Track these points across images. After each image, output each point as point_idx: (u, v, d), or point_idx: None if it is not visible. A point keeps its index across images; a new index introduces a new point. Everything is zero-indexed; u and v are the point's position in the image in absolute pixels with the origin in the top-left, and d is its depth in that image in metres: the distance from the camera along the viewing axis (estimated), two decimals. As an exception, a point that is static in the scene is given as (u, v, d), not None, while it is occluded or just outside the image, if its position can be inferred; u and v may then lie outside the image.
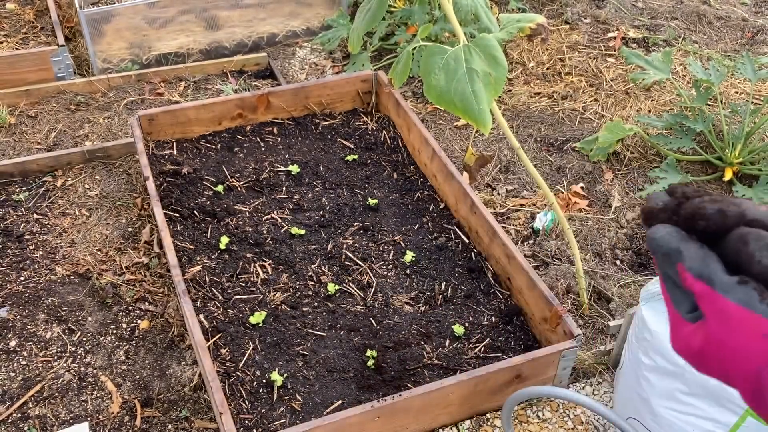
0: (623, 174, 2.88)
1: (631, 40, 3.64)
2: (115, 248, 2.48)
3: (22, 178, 2.72)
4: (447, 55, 1.71)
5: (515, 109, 3.23)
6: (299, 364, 2.09)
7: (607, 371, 2.20)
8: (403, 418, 1.92)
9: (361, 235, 2.50)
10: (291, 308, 2.24)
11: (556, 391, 1.72)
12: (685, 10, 3.87)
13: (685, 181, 2.67)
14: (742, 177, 2.80)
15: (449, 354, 2.13)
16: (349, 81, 2.99)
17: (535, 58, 3.50)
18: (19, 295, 2.30)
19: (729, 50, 3.61)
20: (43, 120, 3.05)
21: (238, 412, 1.95)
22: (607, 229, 2.63)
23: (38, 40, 3.49)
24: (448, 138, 3.07)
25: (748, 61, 2.91)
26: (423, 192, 2.69)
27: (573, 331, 2.02)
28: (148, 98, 3.20)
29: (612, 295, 2.37)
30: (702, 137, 2.95)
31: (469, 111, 1.67)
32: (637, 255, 2.55)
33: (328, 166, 2.77)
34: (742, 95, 3.23)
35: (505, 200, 2.76)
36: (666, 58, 2.94)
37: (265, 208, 2.57)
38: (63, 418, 2.00)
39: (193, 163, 2.71)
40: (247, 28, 3.60)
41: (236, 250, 2.40)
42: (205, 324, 2.15)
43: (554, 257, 2.49)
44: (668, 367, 1.74)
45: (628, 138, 2.97)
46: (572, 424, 2.06)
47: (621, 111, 3.19)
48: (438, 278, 2.37)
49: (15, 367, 2.12)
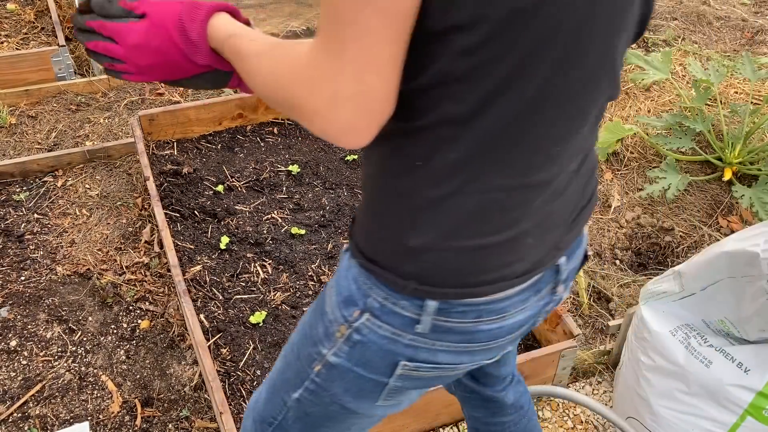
0: (623, 174, 2.88)
1: (631, 40, 3.65)
2: (116, 248, 2.49)
3: (22, 178, 2.73)
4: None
5: (515, 109, 3.24)
6: (299, 363, 2.09)
7: (606, 371, 2.20)
8: (403, 418, 1.92)
9: (361, 235, 2.50)
10: (291, 308, 2.24)
11: (556, 390, 1.72)
12: (685, 11, 3.88)
13: (685, 182, 2.67)
14: (741, 177, 2.80)
15: (449, 354, 2.13)
16: (349, 81, 2.99)
17: (535, 59, 3.50)
18: (20, 295, 2.30)
19: (728, 50, 3.61)
20: (43, 120, 3.06)
21: (238, 411, 1.96)
22: (607, 229, 2.63)
23: (39, 41, 3.49)
24: (448, 138, 3.08)
25: (748, 61, 2.91)
26: (423, 192, 2.69)
27: (572, 331, 2.02)
28: (149, 98, 3.21)
29: (612, 295, 2.37)
30: (701, 137, 2.96)
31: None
32: (637, 255, 2.56)
33: (328, 166, 2.77)
34: (741, 95, 3.24)
35: (504, 200, 2.76)
36: (665, 58, 2.94)
37: (265, 208, 2.57)
38: (63, 418, 2.00)
39: (193, 163, 2.72)
40: (247, 28, 3.60)
41: (236, 250, 2.40)
42: (206, 324, 2.15)
43: (554, 257, 2.49)
44: (668, 366, 1.75)
45: (628, 138, 2.97)
46: (572, 423, 2.06)
47: (620, 111, 3.19)
48: (438, 278, 2.37)
49: (15, 367, 2.12)
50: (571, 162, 0.95)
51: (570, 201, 1.00)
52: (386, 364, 1.01)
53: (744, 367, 1.63)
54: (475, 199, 0.88)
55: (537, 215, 0.93)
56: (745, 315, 1.61)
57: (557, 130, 0.87)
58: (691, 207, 2.72)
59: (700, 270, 1.69)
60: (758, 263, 1.50)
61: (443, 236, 0.91)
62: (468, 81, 0.79)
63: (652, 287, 1.84)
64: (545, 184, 0.91)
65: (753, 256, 1.51)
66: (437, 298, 0.94)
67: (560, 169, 0.93)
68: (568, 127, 0.89)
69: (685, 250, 2.54)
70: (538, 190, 0.91)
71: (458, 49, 0.77)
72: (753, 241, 1.54)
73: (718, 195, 2.76)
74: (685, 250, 2.54)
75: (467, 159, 0.85)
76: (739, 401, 1.63)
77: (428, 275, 0.93)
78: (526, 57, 0.78)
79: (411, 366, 1.01)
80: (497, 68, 0.78)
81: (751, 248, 1.52)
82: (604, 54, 0.86)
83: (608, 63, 0.88)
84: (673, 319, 1.78)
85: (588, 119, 0.91)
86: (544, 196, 0.92)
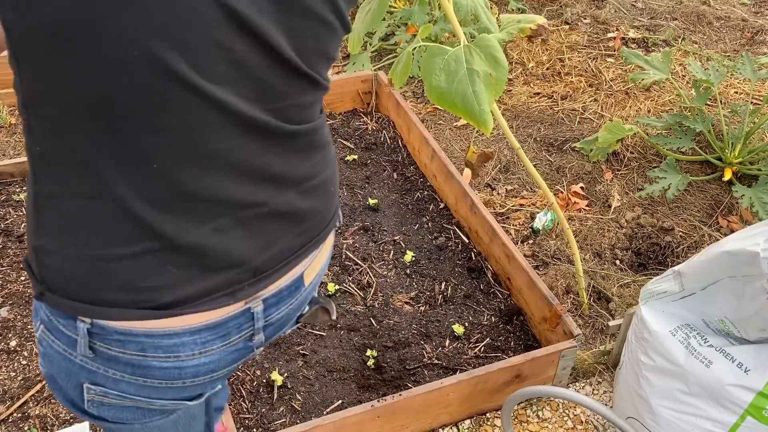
0: (623, 174, 2.88)
1: (631, 40, 3.65)
2: (116, 248, 2.49)
3: (22, 179, 2.73)
4: (448, 55, 1.71)
5: (515, 109, 3.23)
6: (299, 363, 2.09)
7: (606, 371, 2.20)
8: (403, 418, 1.92)
9: (361, 235, 2.50)
10: (291, 308, 2.24)
11: (556, 390, 1.72)
12: (685, 11, 3.88)
13: (685, 182, 2.67)
14: (741, 177, 2.80)
15: (449, 354, 2.13)
16: (349, 81, 2.99)
17: (535, 59, 3.50)
18: (20, 295, 2.30)
19: (728, 50, 3.61)
20: (43, 120, 3.06)
21: (238, 411, 1.96)
22: (607, 229, 2.63)
23: (38, 40, 3.49)
24: (448, 138, 3.07)
25: (748, 62, 2.91)
26: (423, 192, 2.69)
27: (573, 331, 2.02)
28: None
29: (611, 295, 2.37)
30: (701, 137, 2.96)
31: (471, 112, 1.67)
32: (637, 255, 2.56)
33: (328, 166, 2.77)
34: (741, 95, 3.24)
35: (504, 200, 2.76)
36: (665, 59, 2.94)
37: (265, 208, 2.57)
38: (63, 418, 2.00)
39: (193, 163, 2.72)
40: (247, 28, 3.60)
41: (236, 250, 2.40)
42: (206, 324, 2.15)
43: (554, 257, 2.49)
44: (668, 366, 1.75)
45: (628, 138, 2.97)
46: (572, 423, 2.06)
47: (620, 111, 3.19)
48: (438, 278, 2.37)
49: (15, 367, 2.12)
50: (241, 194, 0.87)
51: (251, 242, 0.91)
52: (73, 385, 0.95)
53: (744, 367, 1.63)
54: (93, 205, 0.83)
55: (184, 241, 0.85)
56: (745, 315, 1.61)
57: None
58: (691, 207, 2.72)
59: (700, 270, 1.69)
60: (758, 262, 1.50)
61: (58, 239, 0.86)
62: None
63: (652, 287, 1.84)
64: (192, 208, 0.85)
65: (753, 256, 1.51)
66: (66, 310, 0.88)
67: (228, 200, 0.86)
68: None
69: (685, 250, 2.54)
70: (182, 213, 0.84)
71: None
72: (753, 241, 1.54)
73: (718, 195, 2.76)
74: (685, 250, 2.54)
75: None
76: (739, 401, 1.63)
77: (51, 281, 0.88)
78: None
79: (97, 390, 0.95)
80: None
81: (751, 248, 1.52)
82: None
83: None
84: (673, 319, 1.78)
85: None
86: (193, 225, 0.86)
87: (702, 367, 1.68)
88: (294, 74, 0.86)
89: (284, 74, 0.85)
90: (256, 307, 0.96)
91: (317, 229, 1.02)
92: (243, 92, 0.81)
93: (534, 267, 2.42)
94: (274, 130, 0.87)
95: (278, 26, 0.80)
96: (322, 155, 0.99)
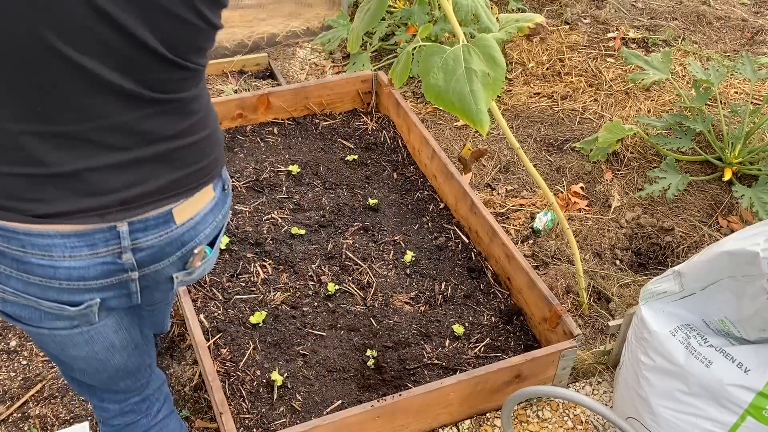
0: (623, 174, 2.88)
1: (631, 40, 3.65)
2: (116, 248, 2.49)
3: None
4: (446, 54, 1.71)
5: (515, 109, 3.23)
6: (299, 363, 2.09)
7: (606, 371, 2.20)
8: (403, 418, 1.92)
9: (361, 235, 2.50)
10: (291, 308, 2.24)
11: (556, 390, 1.72)
12: (685, 11, 3.88)
13: (685, 182, 2.67)
14: (741, 177, 2.80)
15: (449, 354, 2.13)
16: (349, 81, 2.99)
17: (535, 59, 3.50)
18: (20, 295, 2.30)
19: (728, 50, 3.61)
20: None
21: (238, 411, 1.96)
22: (607, 229, 2.63)
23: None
24: (448, 138, 3.07)
25: (748, 62, 2.91)
26: (423, 192, 2.69)
27: (573, 331, 2.02)
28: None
29: (611, 295, 2.37)
30: (701, 137, 2.96)
31: (467, 111, 1.68)
32: (637, 255, 2.56)
33: (328, 166, 2.77)
34: (741, 95, 3.24)
35: (504, 200, 2.76)
36: (665, 59, 2.94)
37: (265, 208, 2.57)
38: (63, 418, 2.00)
39: (193, 163, 2.71)
40: (247, 29, 3.60)
41: (236, 250, 2.40)
42: (206, 324, 2.15)
43: (554, 257, 2.49)
44: (668, 366, 1.75)
45: (628, 138, 2.97)
46: (572, 423, 2.06)
47: (620, 111, 3.19)
48: (438, 278, 2.37)
49: (15, 367, 2.12)
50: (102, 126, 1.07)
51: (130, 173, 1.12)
52: None
53: (744, 367, 1.63)
54: None
55: (63, 170, 1.07)
56: (745, 315, 1.61)
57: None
58: (691, 207, 2.72)
59: (700, 270, 1.69)
60: (758, 262, 1.50)
61: None
62: None
63: (652, 287, 1.84)
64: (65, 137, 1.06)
65: (753, 256, 1.51)
66: None
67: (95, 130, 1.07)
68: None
69: (685, 250, 2.54)
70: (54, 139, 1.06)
71: None
72: (753, 241, 1.54)
73: (718, 195, 2.76)
74: (685, 250, 2.54)
75: None
76: (739, 401, 1.63)
77: None
78: None
79: None
80: None
81: (751, 247, 1.52)
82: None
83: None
84: (673, 319, 1.78)
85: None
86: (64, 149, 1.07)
87: (702, 367, 1.68)
88: (159, 59, 1.07)
89: (148, 57, 1.05)
90: (121, 227, 1.15)
91: (191, 180, 1.21)
92: (110, 63, 1.03)
93: (534, 267, 2.42)
94: (138, 95, 1.08)
95: (142, 22, 1.01)
96: (197, 120, 1.20)
